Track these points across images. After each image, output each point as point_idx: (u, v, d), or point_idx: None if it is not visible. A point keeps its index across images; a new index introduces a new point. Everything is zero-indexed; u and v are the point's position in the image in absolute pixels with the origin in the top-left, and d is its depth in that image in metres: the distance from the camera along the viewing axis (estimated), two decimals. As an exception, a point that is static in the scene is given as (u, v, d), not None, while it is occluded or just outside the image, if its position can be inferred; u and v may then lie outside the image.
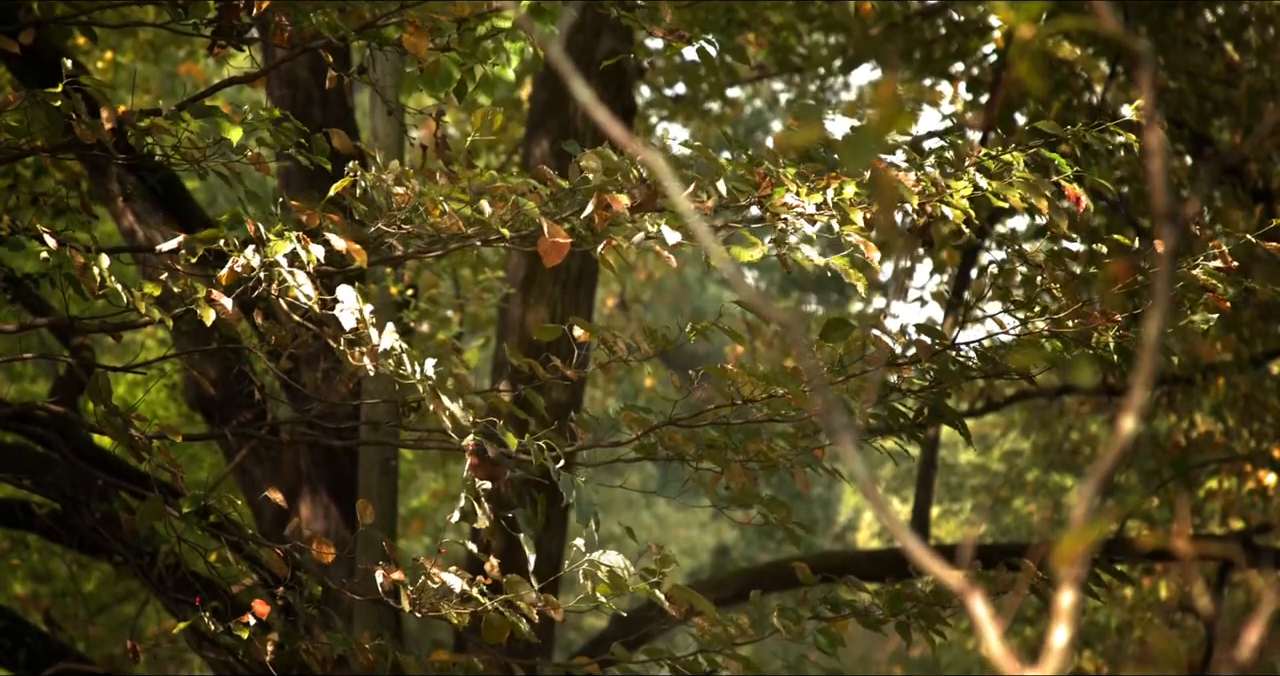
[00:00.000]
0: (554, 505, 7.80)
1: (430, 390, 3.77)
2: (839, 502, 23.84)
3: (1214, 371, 10.21)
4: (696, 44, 4.52)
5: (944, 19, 10.23)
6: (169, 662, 11.42)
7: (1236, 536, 10.05)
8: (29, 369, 11.31)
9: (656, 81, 11.37)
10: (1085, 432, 13.05)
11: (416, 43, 4.17)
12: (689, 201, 4.00)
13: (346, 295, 3.79)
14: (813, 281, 19.62)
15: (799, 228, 4.07)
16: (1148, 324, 1.10)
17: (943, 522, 18.12)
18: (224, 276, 3.85)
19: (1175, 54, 9.27)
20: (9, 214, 4.58)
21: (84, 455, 5.61)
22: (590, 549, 4.02)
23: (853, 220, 4.04)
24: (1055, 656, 1.35)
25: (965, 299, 9.46)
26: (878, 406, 4.40)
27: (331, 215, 4.06)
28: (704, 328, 4.32)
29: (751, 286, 1.54)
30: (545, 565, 4.24)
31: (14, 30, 4.32)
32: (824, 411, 1.30)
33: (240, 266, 3.83)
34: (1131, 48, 1.30)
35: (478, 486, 3.90)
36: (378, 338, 3.78)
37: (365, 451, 7.01)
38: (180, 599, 5.00)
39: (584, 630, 18.27)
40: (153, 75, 12.19)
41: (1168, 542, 1.51)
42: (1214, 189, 9.71)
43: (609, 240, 4.06)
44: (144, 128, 4.02)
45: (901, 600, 4.43)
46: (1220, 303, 4.19)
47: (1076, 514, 1.35)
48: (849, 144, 1.46)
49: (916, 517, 9.75)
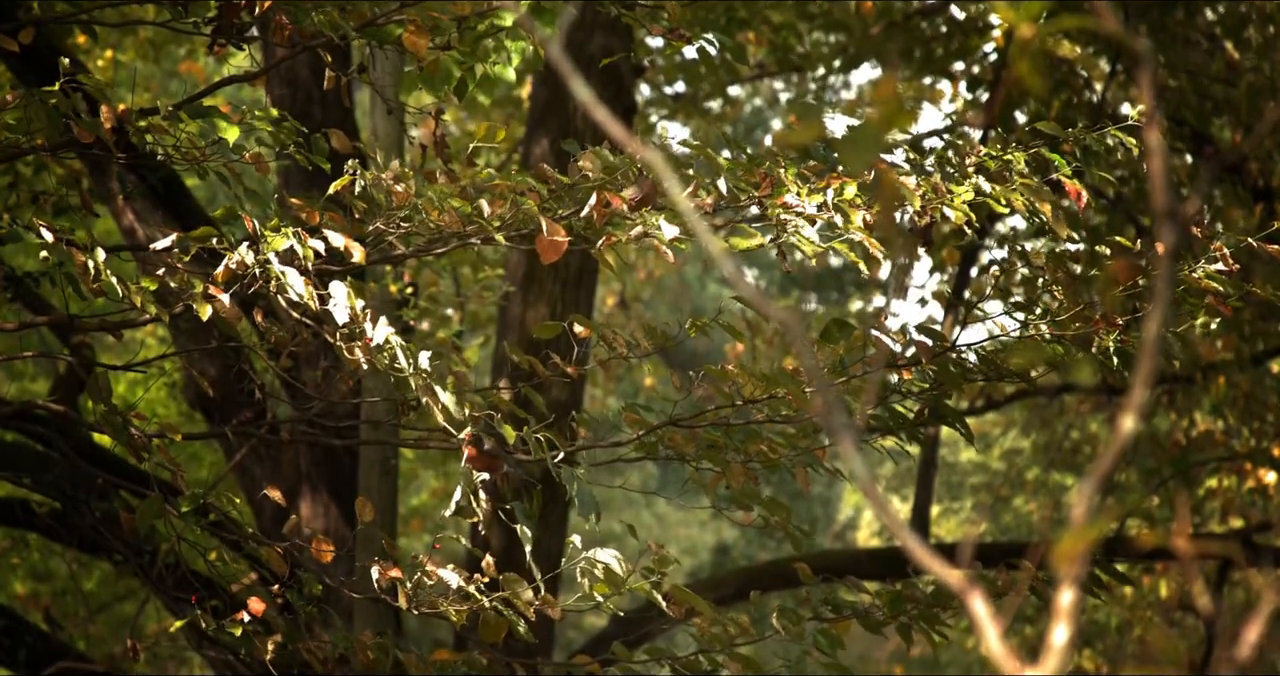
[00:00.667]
0: (554, 504, 7.80)
1: (424, 383, 3.77)
2: (839, 501, 23.84)
3: (1214, 370, 10.21)
4: (696, 43, 4.52)
5: (944, 18, 10.23)
6: (169, 661, 11.42)
7: (1236, 535, 10.05)
8: (29, 367, 11.31)
9: (656, 80, 11.37)
10: (1085, 431, 13.05)
11: (416, 41, 4.16)
12: (688, 199, 4.00)
13: (338, 291, 3.79)
14: (812, 280, 19.63)
15: (799, 227, 4.07)
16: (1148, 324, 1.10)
17: (943, 521, 18.12)
18: (220, 274, 3.85)
19: (1175, 52, 9.27)
20: (9, 212, 4.58)
21: (84, 454, 5.61)
22: (587, 546, 4.02)
23: (853, 220, 4.04)
24: (1055, 655, 1.35)
25: (965, 298, 9.47)
26: (878, 407, 4.40)
27: (331, 213, 4.06)
28: (704, 324, 4.32)
29: (751, 285, 1.54)
30: (544, 565, 4.24)
31: (13, 29, 4.32)
32: (824, 411, 1.30)
33: (235, 263, 3.83)
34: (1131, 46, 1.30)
35: (475, 478, 3.90)
36: (372, 331, 3.78)
37: (365, 450, 7.01)
38: (180, 597, 5.00)
39: (584, 629, 18.27)
40: (153, 74, 12.19)
41: (1167, 541, 1.51)
42: (1214, 187, 9.70)
43: (607, 236, 4.06)
44: (144, 127, 4.02)
45: (902, 601, 4.43)
46: (1223, 307, 4.18)
47: (1076, 512, 1.35)
48: (849, 143, 1.46)
49: (916, 516, 9.75)
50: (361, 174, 4.08)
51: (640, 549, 4.21)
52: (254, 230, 3.85)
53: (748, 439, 4.37)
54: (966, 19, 10.11)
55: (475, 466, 3.91)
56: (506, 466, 3.96)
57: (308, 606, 4.32)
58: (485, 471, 3.93)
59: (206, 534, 4.56)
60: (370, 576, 4.10)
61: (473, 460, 3.90)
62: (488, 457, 3.92)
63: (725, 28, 9.31)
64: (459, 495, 3.92)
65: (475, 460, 3.91)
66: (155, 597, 5.48)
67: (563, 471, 3.93)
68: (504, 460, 3.95)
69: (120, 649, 9.85)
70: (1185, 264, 4.20)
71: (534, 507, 4.08)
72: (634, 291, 14.75)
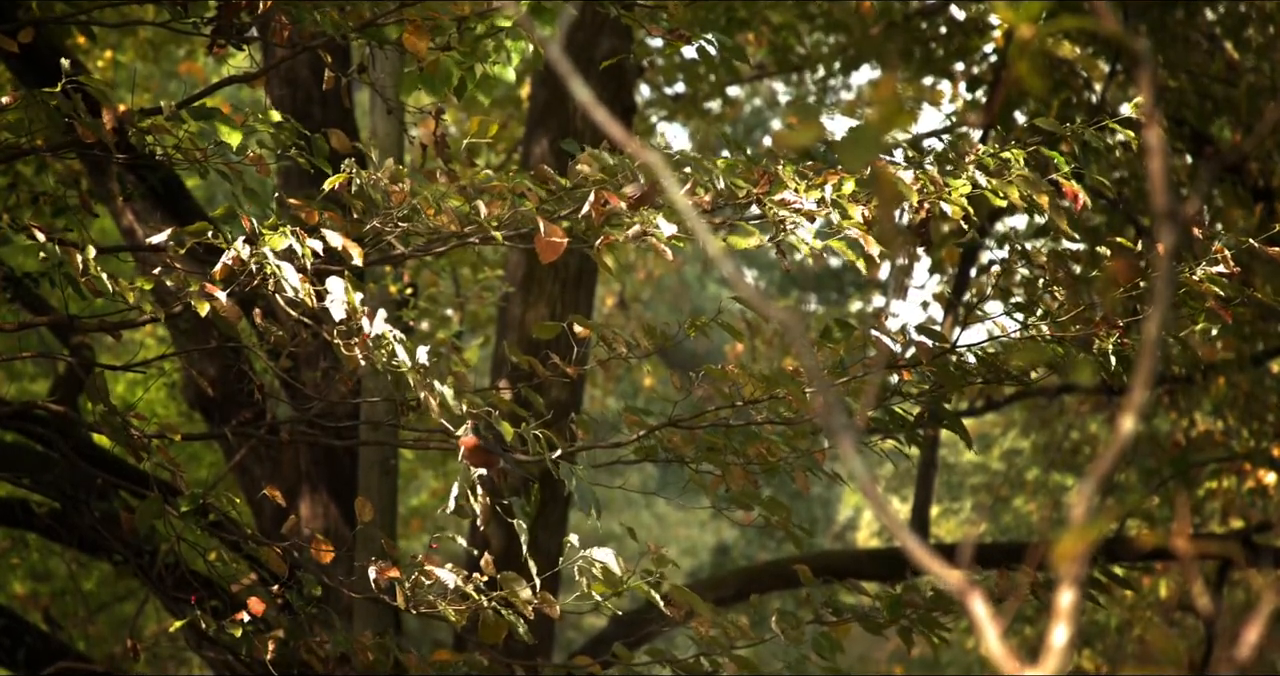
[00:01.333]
0: (553, 503, 7.81)
1: (422, 378, 3.77)
2: (839, 502, 23.84)
3: (1214, 370, 10.21)
4: (696, 43, 4.52)
5: (944, 18, 10.23)
6: (169, 661, 11.42)
7: (1236, 535, 10.04)
8: (29, 368, 11.31)
9: (656, 80, 11.37)
10: (1085, 432, 13.05)
11: (416, 42, 4.16)
12: (686, 197, 4.00)
13: (335, 286, 3.79)
14: (812, 280, 19.63)
15: (798, 224, 4.06)
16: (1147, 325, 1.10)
17: (942, 522, 18.12)
18: (218, 271, 3.85)
19: (1175, 53, 9.27)
20: (9, 212, 4.58)
21: (84, 454, 5.61)
22: (586, 546, 4.02)
23: (851, 216, 4.04)
24: (1055, 655, 1.35)
25: (965, 299, 9.46)
26: (877, 409, 4.40)
27: (330, 212, 4.06)
28: (703, 324, 4.32)
29: (751, 285, 1.54)
30: (543, 564, 4.24)
31: (13, 29, 4.32)
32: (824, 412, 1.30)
33: (231, 259, 3.83)
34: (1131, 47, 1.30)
35: (472, 473, 3.90)
36: (369, 326, 3.78)
37: (365, 450, 7.01)
38: (180, 597, 5.00)
39: (584, 629, 18.27)
40: (152, 74, 12.19)
41: (1167, 541, 1.51)
42: (1214, 188, 9.70)
43: (605, 236, 4.06)
44: (144, 128, 4.02)
45: (901, 606, 4.42)
46: (1224, 312, 4.18)
47: (1076, 513, 1.35)
48: (849, 144, 1.46)
49: (916, 517, 9.75)
50: (357, 173, 4.08)
51: (640, 550, 4.21)
52: (252, 229, 3.85)
53: (747, 440, 4.36)
54: (966, 19, 10.11)
55: (472, 461, 3.90)
56: (503, 462, 3.95)
57: (307, 606, 4.32)
58: (482, 466, 3.92)
59: (206, 534, 4.55)
60: (369, 576, 4.10)
61: (470, 455, 3.89)
62: (484, 453, 3.92)
63: (725, 28, 9.30)
64: (456, 491, 3.92)
65: (472, 455, 3.90)
66: (155, 598, 5.48)
67: (561, 467, 3.92)
68: (501, 456, 3.94)
69: (120, 649, 9.84)
70: (1186, 265, 4.20)
71: (532, 505, 4.08)
72: (633, 292, 14.75)
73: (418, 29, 4.16)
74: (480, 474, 3.91)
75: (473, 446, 3.90)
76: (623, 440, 4.43)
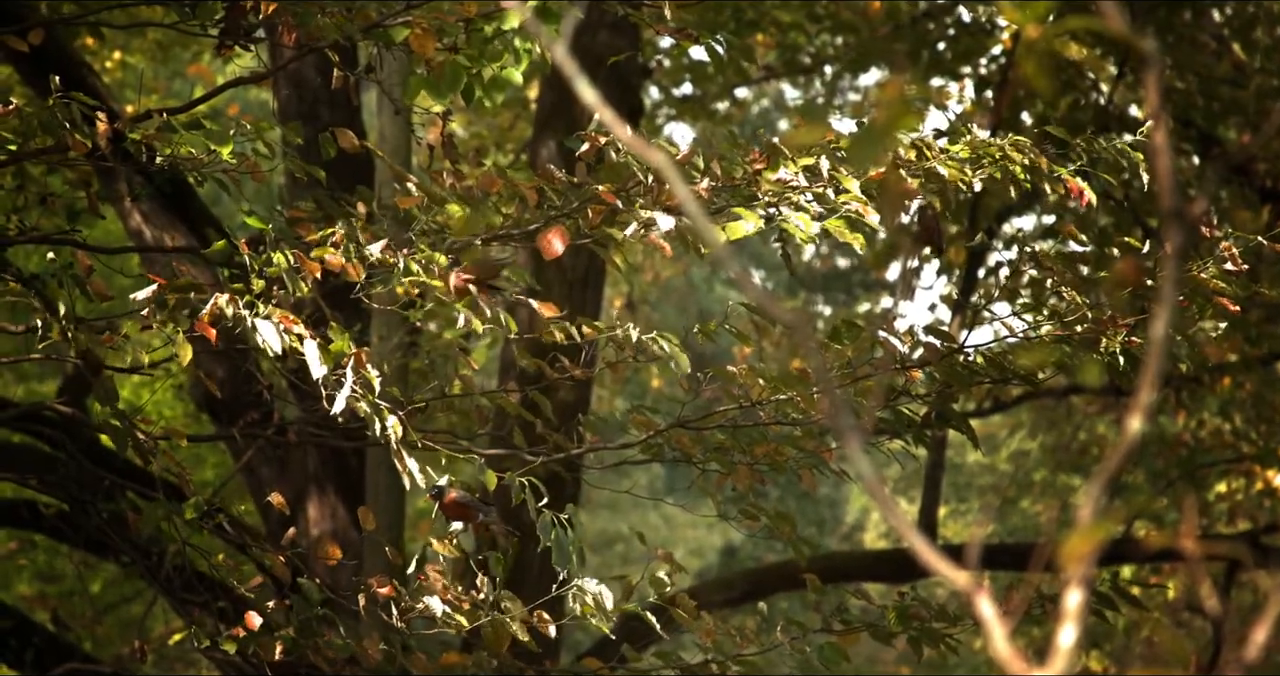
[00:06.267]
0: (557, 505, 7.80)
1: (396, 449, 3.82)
2: (846, 502, 23.82)
3: (1221, 371, 10.20)
4: (704, 43, 4.51)
5: (951, 19, 10.22)
6: (176, 662, 11.43)
7: (1244, 536, 10.04)
8: (36, 369, 11.32)
9: (663, 81, 11.37)
10: (1093, 433, 13.04)
11: (423, 44, 4.16)
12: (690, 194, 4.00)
13: (310, 350, 3.81)
14: (820, 282, 19.62)
15: (797, 205, 4.06)
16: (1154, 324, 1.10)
17: (950, 522, 18.11)
18: (201, 321, 3.86)
19: (1183, 54, 9.26)
20: (17, 213, 4.58)
21: (91, 455, 5.62)
22: (597, 547, 4.03)
23: (847, 186, 4.03)
24: (1062, 656, 1.35)
25: (973, 300, 9.46)
26: (885, 409, 4.39)
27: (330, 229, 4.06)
28: (712, 329, 4.31)
29: (759, 286, 1.54)
30: (544, 581, 4.27)
31: (23, 30, 4.33)
32: (831, 412, 1.30)
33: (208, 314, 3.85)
34: (1139, 48, 1.30)
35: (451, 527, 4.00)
36: (350, 377, 3.82)
37: (373, 451, 7.00)
38: (187, 599, 5.00)
39: (591, 631, 18.25)
40: (160, 75, 12.20)
41: (1175, 542, 1.51)
42: (1221, 188, 9.70)
43: (594, 210, 4.06)
44: (137, 139, 4.03)
45: (909, 618, 4.43)
46: (1229, 307, 4.17)
47: (1084, 514, 1.35)
48: (856, 144, 1.46)
49: (924, 517, 9.74)
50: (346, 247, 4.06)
51: (648, 554, 4.21)
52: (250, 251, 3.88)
53: (754, 441, 4.36)
54: (973, 20, 10.11)
55: (450, 516, 4.02)
56: (482, 516, 4.04)
57: (314, 610, 4.32)
58: (460, 521, 4.02)
59: (212, 536, 4.56)
60: (372, 588, 4.12)
61: (448, 509, 4.02)
62: (462, 508, 4.02)
63: (734, 29, 9.30)
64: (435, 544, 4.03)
65: (450, 509, 4.02)
66: (162, 599, 5.48)
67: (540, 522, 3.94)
68: (480, 511, 4.04)
69: (127, 650, 9.85)
70: (1193, 265, 4.19)
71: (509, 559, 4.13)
72: (641, 293, 14.75)
73: (424, 31, 4.16)
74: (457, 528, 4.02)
75: (450, 502, 4.01)
76: (630, 441, 4.43)
